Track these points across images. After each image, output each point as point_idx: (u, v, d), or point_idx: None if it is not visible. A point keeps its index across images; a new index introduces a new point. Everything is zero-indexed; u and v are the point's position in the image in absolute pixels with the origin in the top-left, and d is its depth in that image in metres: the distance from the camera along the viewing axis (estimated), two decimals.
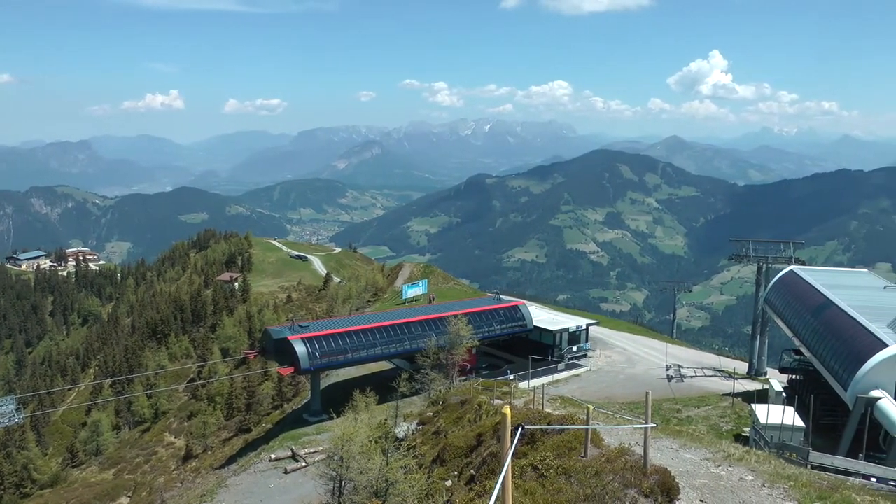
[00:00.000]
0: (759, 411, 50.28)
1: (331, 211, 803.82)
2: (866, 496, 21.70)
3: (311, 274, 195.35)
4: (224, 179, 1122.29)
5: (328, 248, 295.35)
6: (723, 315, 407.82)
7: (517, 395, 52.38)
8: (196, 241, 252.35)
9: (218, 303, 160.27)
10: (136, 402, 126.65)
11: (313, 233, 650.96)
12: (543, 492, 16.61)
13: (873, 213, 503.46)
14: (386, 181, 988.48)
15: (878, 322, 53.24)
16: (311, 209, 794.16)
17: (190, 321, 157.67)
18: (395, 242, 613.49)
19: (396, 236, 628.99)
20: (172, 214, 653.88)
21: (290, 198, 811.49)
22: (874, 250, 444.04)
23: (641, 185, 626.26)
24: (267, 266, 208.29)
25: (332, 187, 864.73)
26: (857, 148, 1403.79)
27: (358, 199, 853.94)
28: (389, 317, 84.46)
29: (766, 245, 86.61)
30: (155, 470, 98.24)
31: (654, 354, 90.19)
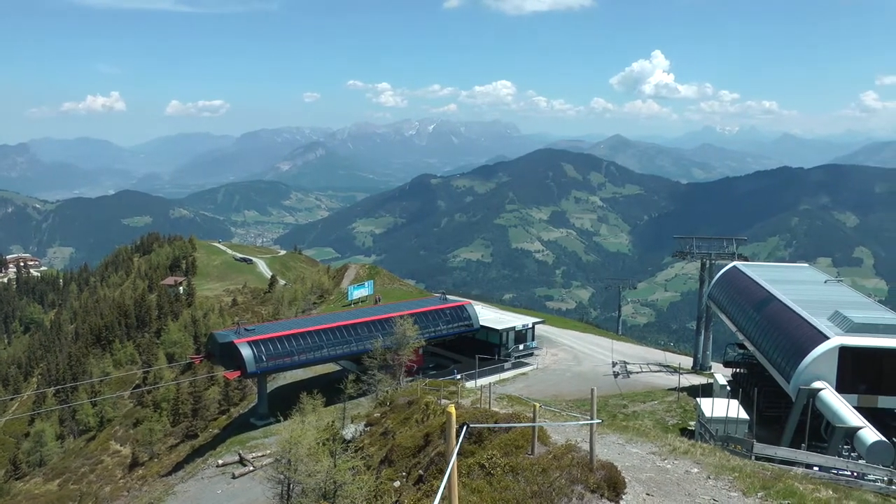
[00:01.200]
0: (704, 405, 50.75)
1: (275, 213, 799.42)
2: (808, 484, 21.98)
3: (257, 277, 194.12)
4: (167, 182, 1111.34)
5: (273, 250, 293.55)
6: (667, 311, 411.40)
7: (464, 394, 52.37)
8: (140, 245, 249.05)
9: (163, 307, 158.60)
10: (80, 411, 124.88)
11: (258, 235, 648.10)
12: (491, 490, 16.59)
13: (814, 209, 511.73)
14: (330, 182, 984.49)
15: (819, 315, 54.01)
16: (255, 211, 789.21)
17: (134, 326, 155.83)
18: (340, 244, 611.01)
19: (342, 238, 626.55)
20: (115, 218, 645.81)
21: (234, 200, 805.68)
22: (815, 245, 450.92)
23: (586, 184, 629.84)
24: (212, 269, 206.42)
25: (277, 189, 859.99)
26: (798, 146, 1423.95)
27: (302, 200, 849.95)
28: (335, 318, 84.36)
29: (710, 242, 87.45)
30: (101, 479, 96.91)
31: (600, 351, 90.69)
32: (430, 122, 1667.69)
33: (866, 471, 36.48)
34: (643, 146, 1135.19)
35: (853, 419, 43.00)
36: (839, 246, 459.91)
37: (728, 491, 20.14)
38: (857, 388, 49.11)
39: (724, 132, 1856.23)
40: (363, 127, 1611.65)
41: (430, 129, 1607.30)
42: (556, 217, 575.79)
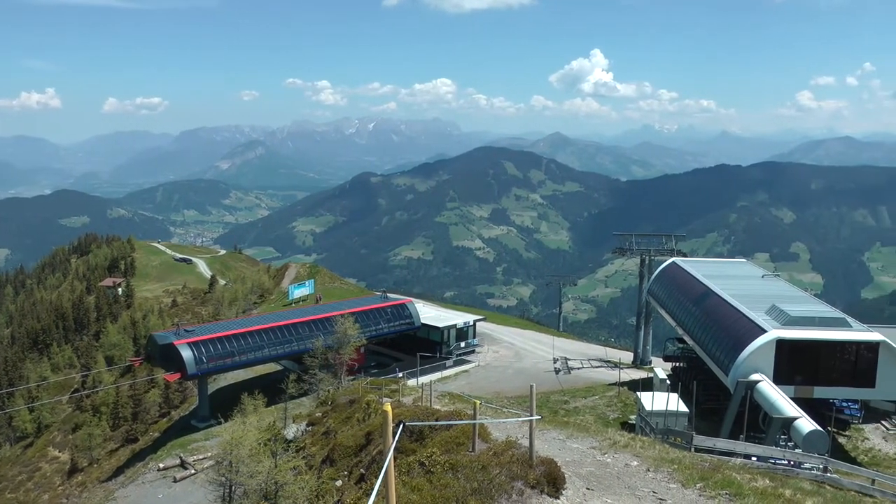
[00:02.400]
0: (645, 399, 51.23)
1: (215, 212, 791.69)
2: (746, 474, 22.22)
3: (197, 277, 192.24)
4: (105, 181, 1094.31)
5: (213, 250, 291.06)
6: (608, 307, 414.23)
7: (406, 392, 52.34)
8: (77, 245, 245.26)
9: (101, 309, 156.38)
10: (17, 417, 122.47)
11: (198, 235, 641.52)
12: (431, 487, 16.52)
13: (751, 205, 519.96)
14: (270, 181, 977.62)
15: (756, 309, 54.78)
16: (194, 211, 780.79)
17: (73, 329, 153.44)
18: (280, 243, 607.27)
19: (282, 237, 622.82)
20: (52, 218, 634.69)
21: (173, 199, 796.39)
22: (753, 241, 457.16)
23: (526, 182, 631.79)
24: (151, 270, 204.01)
25: (216, 188, 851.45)
26: (735, 144, 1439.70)
27: (242, 199, 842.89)
28: (276, 318, 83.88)
29: (649, 238, 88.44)
30: (39, 487, 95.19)
31: (541, 348, 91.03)
32: (370, 121, 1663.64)
33: (803, 459, 37.19)
34: (583, 144, 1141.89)
35: (790, 410, 43.63)
36: (776, 241, 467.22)
37: (667, 483, 20.28)
38: (793, 380, 49.97)
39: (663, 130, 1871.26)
40: (303, 125, 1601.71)
41: (370, 127, 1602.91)
42: (497, 215, 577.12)
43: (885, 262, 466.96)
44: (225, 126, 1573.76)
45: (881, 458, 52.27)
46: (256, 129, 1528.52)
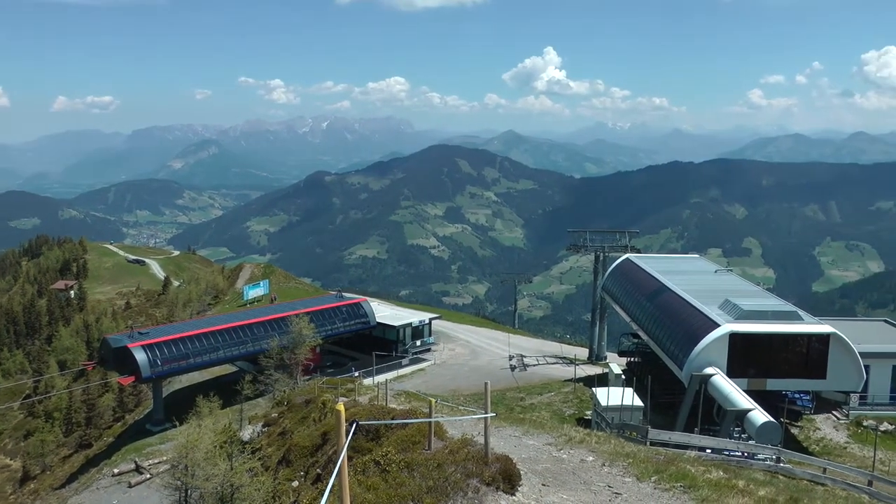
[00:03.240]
0: (600, 394, 51.59)
1: (168, 213, 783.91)
2: (700, 466, 22.41)
3: (150, 278, 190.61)
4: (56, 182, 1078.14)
5: (166, 251, 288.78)
6: (563, 304, 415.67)
7: (362, 391, 52.23)
8: (28, 248, 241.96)
9: (53, 313, 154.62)
10: None
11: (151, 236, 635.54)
12: (386, 486, 16.49)
13: (704, 201, 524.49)
14: (224, 181, 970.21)
15: (710, 304, 55.35)
16: (147, 211, 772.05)
17: (24, 334, 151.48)
18: (234, 243, 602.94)
19: (236, 237, 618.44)
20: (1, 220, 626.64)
21: (125, 200, 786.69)
22: (706, 237, 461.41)
23: (480, 180, 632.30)
24: (104, 272, 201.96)
25: (169, 188, 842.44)
26: (687, 141, 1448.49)
27: (196, 199, 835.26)
28: (231, 319, 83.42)
29: (603, 235, 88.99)
30: None
31: (497, 345, 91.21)
32: (323, 119, 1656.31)
33: (756, 450, 37.59)
34: (537, 141, 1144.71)
35: (743, 402, 44.13)
36: (729, 237, 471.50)
37: (622, 477, 20.40)
38: (746, 373, 50.59)
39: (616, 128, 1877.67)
40: (256, 124, 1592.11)
41: (323, 126, 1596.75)
42: (452, 213, 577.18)
43: (835, 256, 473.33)
44: (177, 125, 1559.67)
45: (832, 448, 53.09)
46: (209, 128, 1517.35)
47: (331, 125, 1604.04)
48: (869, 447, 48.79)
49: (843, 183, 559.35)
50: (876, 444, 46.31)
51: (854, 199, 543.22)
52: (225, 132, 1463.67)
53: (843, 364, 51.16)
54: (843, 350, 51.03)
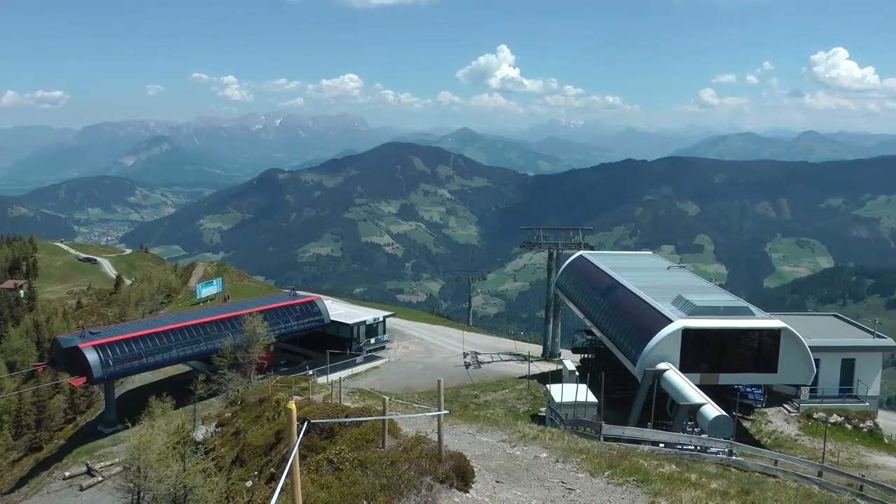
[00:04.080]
0: (554, 391, 51.72)
1: (120, 210, 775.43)
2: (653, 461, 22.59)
3: (102, 277, 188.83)
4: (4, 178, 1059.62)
5: (118, 249, 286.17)
6: (517, 301, 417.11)
7: (316, 390, 52.06)
8: None
9: (2, 313, 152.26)
10: None
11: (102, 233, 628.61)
12: (339, 485, 16.42)
13: (657, 199, 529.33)
14: (176, 178, 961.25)
15: (662, 300, 55.70)
16: (99, 209, 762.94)
17: None
18: (187, 241, 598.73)
19: (189, 235, 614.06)
20: None
21: (76, 197, 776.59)
22: (658, 234, 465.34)
23: (434, 177, 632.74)
24: (54, 271, 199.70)
25: (121, 185, 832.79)
26: (640, 139, 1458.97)
27: (148, 197, 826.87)
28: (184, 318, 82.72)
29: (557, 232, 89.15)
30: None
31: (451, 343, 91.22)
32: (277, 117, 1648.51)
33: (709, 444, 37.96)
34: (490, 139, 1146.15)
35: (696, 397, 44.47)
36: (681, 234, 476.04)
37: (576, 473, 20.48)
38: (699, 367, 50.98)
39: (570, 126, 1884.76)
40: (209, 121, 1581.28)
41: (277, 123, 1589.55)
42: (406, 210, 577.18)
43: (785, 252, 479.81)
44: (129, 121, 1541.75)
45: (783, 440, 53.68)
46: (161, 124, 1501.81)
47: (284, 122, 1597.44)
48: (819, 439, 49.36)
49: (793, 181, 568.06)
50: (826, 435, 46.91)
51: (804, 197, 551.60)
52: (178, 129, 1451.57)
53: (793, 358, 51.74)
54: (794, 344, 51.60)
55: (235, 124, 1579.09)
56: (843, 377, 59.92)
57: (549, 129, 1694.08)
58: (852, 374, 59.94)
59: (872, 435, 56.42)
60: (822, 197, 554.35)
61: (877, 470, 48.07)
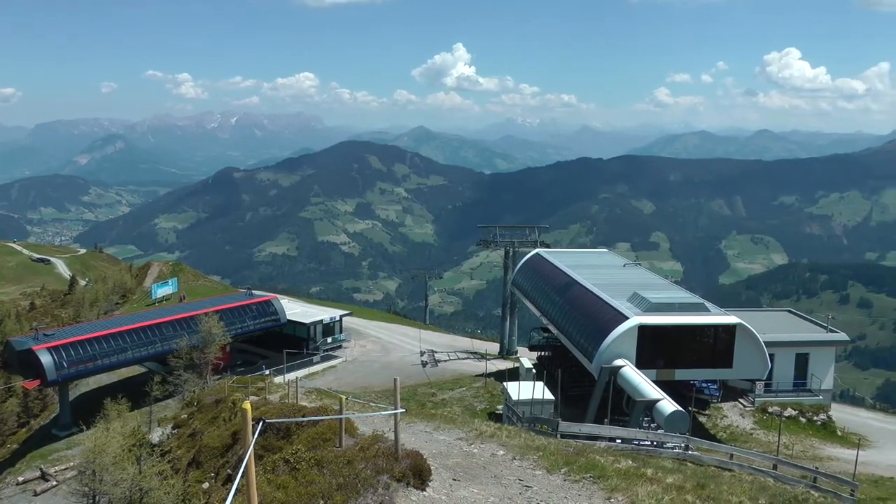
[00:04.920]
0: (511, 388, 51.89)
1: (74, 210, 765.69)
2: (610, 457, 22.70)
3: (56, 278, 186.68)
4: None
5: (73, 249, 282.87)
6: (474, 299, 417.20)
7: (273, 389, 51.89)
8: None
9: None
10: None
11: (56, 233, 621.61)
12: (296, 484, 16.38)
13: (612, 197, 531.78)
14: (131, 177, 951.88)
15: (618, 297, 56.04)
16: (52, 208, 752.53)
17: None
18: (142, 241, 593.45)
19: (144, 234, 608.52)
20: None
21: (29, 196, 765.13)
22: (614, 231, 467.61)
23: (390, 176, 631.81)
24: (7, 271, 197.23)
25: (75, 184, 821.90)
26: (596, 138, 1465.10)
27: (102, 196, 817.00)
28: (139, 318, 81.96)
29: (513, 230, 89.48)
30: None
31: (408, 341, 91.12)
32: (232, 115, 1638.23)
33: (665, 439, 38.22)
34: (447, 137, 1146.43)
35: (652, 392, 44.76)
36: (637, 231, 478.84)
37: (533, 470, 20.52)
38: (655, 364, 51.41)
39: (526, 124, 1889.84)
40: (164, 119, 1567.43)
41: (232, 121, 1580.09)
42: (362, 209, 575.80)
43: (740, 249, 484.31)
44: (83, 119, 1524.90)
45: (738, 434, 54.30)
46: (116, 122, 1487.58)
47: (240, 121, 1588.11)
48: (774, 432, 49.88)
49: (747, 179, 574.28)
50: (780, 429, 47.40)
51: (758, 195, 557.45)
52: (132, 127, 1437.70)
53: (748, 353, 52.34)
54: (749, 340, 52.18)
55: (191, 122, 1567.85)
56: (797, 372, 60.78)
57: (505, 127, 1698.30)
58: (806, 369, 60.80)
59: (826, 428, 57.41)
60: (776, 195, 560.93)
61: (830, 462, 48.80)
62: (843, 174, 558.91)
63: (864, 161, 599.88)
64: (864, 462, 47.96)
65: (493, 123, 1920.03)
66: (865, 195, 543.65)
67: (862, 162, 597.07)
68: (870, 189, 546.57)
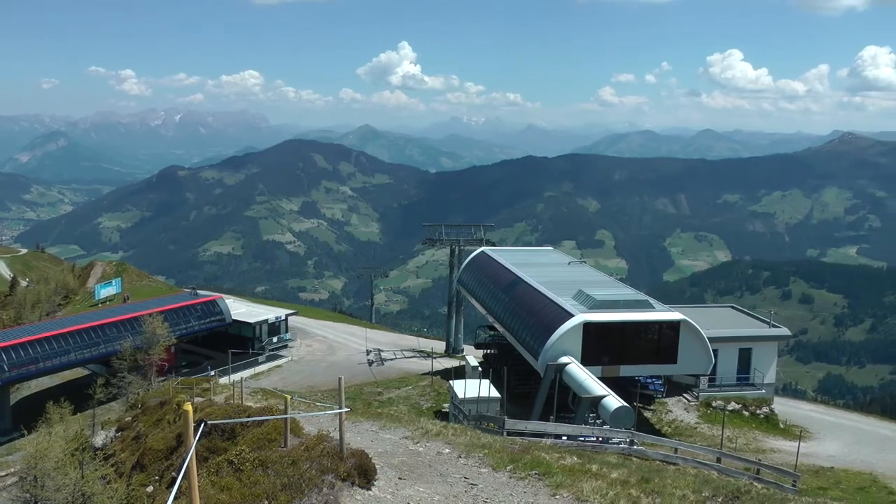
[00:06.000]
0: (457, 387, 51.94)
1: (15, 209, 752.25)
2: (555, 454, 22.81)
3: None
4: None
5: (13, 249, 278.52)
6: (420, 298, 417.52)
7: (218, 390, 51.61)
8: None
9: None
10: None
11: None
12: (240, 486, 16.27)
13: (558, 195, 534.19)
14: (74, 175, 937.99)
15: (564, 295, 56.34)
16: None
17: None
18: (85, 240, 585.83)
19: (87, 233, 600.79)
20: None
21: None
22: (560, 229, 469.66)
23: (336, 174, 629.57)
24: None
25: (16, 182, 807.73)
26: (541, 136, 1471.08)
27: (44, 194, 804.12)
28: (82, 320, 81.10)
29: (458, 228, 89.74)
30: None
31: (354, 340, 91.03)
32: (176, 112, 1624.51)
33: (610, 435, 38.55)
34: (392, 136, 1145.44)
35: (597, 389, 45.08)
36: (582, 229, 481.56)
37: (479, 468, 20.57)
38: (600, 360, 51.80)
39: (471, 123, 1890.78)
40: (107, 116, 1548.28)
41: (176, 119, 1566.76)
42: (307, 208, 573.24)
43: (684, 246, 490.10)
44: (23, 115, 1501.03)
45: (683, 428, 54.84)
46: (58, 119, 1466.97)
47: (184, 118, 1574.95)
48: (717, 426, 50.45)
49: (691, 177, 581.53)
50: (724, 423, 47.99)
51: (702, 193, 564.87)
52: (75, 124, 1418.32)
53: (692, 349, 52.95)
54: (693, 336, 52.80)
55: (134, 120, 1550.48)
56: (740, 366, 61.70)
57: (450, 126, 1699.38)
58: (749, 363, 61.73)
59: (768, 421, 58.32)
60: (720, 193, 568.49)
61: (772, 454, 49.58)
62: (784, 173, 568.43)
63: (805, 160, 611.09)
64: (806, 453, 48.76)
65: (439, 122, 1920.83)
66: (806, 193, 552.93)
67: (803, 161, 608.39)
68: (810, 188, 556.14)
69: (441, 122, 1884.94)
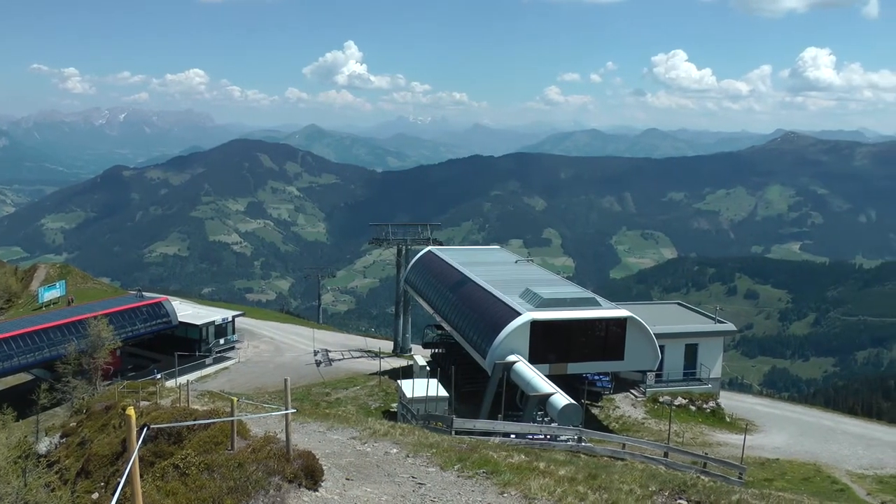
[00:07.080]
0: (405, 386, 51.94)
1: None
2: (503, 452, 22.87)
3: None
4: None
5: None
6: (367, 297, 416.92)
7: (164, 394, 51.14)
8: None
9: None
10: None
11: None
12: (186, 490, 16.19)
13: (504, 194, 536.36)
14: (15, 175, 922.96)
15: (511, 293, 56.54)
16: None
17: None
18: (28, 242, 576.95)
19: (30, 235, 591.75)
20: None
21: None
22: (507, 228, 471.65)
23: (282, 174, 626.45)
24: None
25: None
26: (488, 136, 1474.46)
27: None
28: (25, 324, 79.66)
29: (405, 228, 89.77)
30: None
31: (302, 341, 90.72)
32: (121, 111, 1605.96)
33: (558, 432, 38.73)
34: (339, 136, 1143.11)
35: (545, 387, 45.28)
36: (529, 228, 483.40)
37: (426, 467, 20.59)
38: (548, 358, 51.99)
39: (418, 122, 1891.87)
40: (50, 115, 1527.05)
41: (121, 118, 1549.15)
42: (254, 208, 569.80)
43: (630, 244, 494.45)
44: None
45: (630, 424, 55.35)
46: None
47: (128, 117, 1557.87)
48: (665, 421, 51.00)
49: (637, 176, 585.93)
50: (671, 417, 48.51)
51: (647, 191, 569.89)
52: (16, 123, 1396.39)
53: (639, 345, 53.42)
54: (640, 332, 53.24)
55: (78, 118, 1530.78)
56: (686, 361, 62.38)
57: (397, 125, 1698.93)
58: (695, 359, 62.41)
59: (715, 415, 59.14)
60: (665, 191, 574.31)
61: (719, 447, 50.19)
62: (729, 171, 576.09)
63: (748, 158, 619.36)
64: (752, 446, 49.48)
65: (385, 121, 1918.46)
66: (750, 191, 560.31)
67: (746, 159, 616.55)
68: (754, 185, 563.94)
69: (388, 122, 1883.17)
